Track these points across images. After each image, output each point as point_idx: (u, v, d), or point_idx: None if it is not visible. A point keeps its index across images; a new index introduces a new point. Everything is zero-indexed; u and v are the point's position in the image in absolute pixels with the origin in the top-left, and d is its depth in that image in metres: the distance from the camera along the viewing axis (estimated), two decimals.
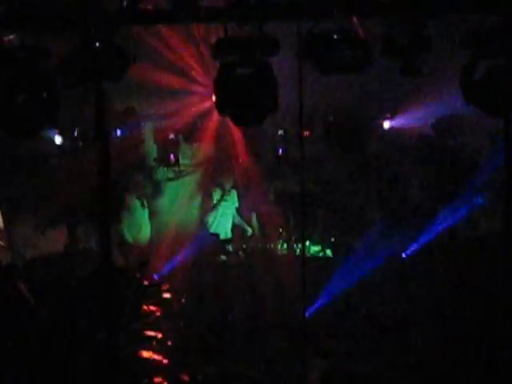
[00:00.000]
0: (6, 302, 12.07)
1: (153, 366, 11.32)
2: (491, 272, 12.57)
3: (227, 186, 16.35)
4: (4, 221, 14.81)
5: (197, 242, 16.04)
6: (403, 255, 14.99)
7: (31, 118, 8.99)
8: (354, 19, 8.53)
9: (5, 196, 14.74)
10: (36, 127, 9.12)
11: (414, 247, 15.06)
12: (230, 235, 16.44)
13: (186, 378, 11.02)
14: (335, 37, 8.55)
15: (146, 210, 15.96)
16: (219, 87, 8.36)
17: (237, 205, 16.45)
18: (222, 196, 16.32)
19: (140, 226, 15.76)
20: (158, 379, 10.96)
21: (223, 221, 16.43)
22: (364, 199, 16.20)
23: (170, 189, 16.63)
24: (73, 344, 10.70)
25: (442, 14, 8.59)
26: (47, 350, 10.76)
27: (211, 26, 9.30)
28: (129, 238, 15.59)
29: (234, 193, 16.48)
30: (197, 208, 16.47)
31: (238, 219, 16.45)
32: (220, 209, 16.37)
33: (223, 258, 15.74)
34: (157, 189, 16.51)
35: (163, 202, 16.35)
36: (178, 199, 16.48)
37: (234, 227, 16.39)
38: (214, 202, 16.34)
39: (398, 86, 14.29)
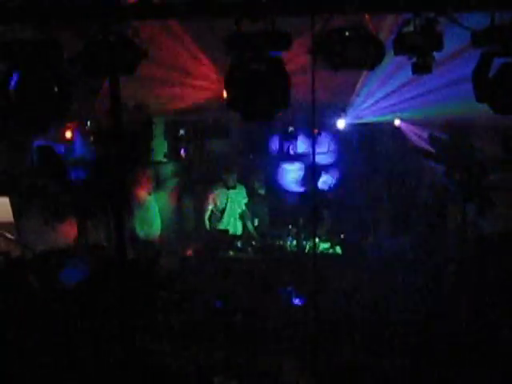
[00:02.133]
0: (16, 293, 12.15)
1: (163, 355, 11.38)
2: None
3: (231, 183, 16.39)
4: (14, 214, 14.87)
5: (205, 238, 16.13)
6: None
7: (43, 112, 9.01)
8: (366, 16, 8.56)
9: (14, 189, 14.80)
10: (47, 121, 9.17)
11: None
12: (239, 231, 16.48)
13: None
14: (347, 34, 8.58)
15: (156, 206, 16.03)
16: (230, 83, 8.38)
17: (246, 200, 16.47)
18: (227, 198, 16.39)
19: (151, 221, 15.82)
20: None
21: (232, 218, 16.48)
22: (373, 198, 16.24)
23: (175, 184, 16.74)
24: (82, 335, 10.74)
25: (454, 11, 8.58)
26: (56, 341, 10.80)
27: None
28: (140, 233, 15.65)
29: (241, 188, 16.50)
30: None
31: (246, 215, 16.50)
32: (228, 208, 16.43)
33: (231, 253, 15.79)
34: (162, 184, 16.58)
35: (169, 197, 16.41)
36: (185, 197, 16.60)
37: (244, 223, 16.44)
38: (219, 204, 16.40)
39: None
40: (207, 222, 16.36)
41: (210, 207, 16.30)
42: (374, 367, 11.20)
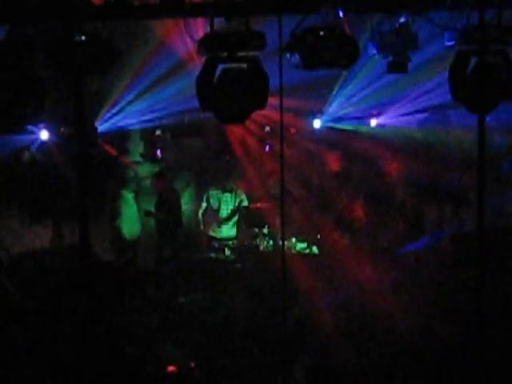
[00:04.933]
0: None
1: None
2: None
3: (228, 186, 16.36)
4: None
5: (186, 239, 16.09)
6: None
7: (16, 113, 8.92)
8: (341, 15, 8.50)
9: None
10: (21, 123, 9.06)
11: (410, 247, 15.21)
12: (233, 232, 16.44)
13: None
14: (322, 33, 8.51)
15: (135, 205, 16.00)
16: (202, 83, 8.28)
17: (246, 203, 16.43)
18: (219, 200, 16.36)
19: (135, 218, 15.79)
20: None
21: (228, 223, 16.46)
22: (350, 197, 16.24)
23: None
24: (57, 337, 10.67)
25: (429, 11, 8.56)
26: (32, 343, 10.74)
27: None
28: (126, 233, 15.61)
29: (240, 193, 16.44)
30: (185, 204, 16.47)
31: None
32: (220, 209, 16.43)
33: (213, 254, 15.78)
34: (141, 185, 16.54)
35: (148, 198, 16.33)
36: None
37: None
38: (211, 203, 16.37)
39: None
40: (200, 217, 16.26)
41: (204, 205, 16.22)
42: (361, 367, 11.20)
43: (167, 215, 15.68)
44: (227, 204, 16.19)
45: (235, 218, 16.26)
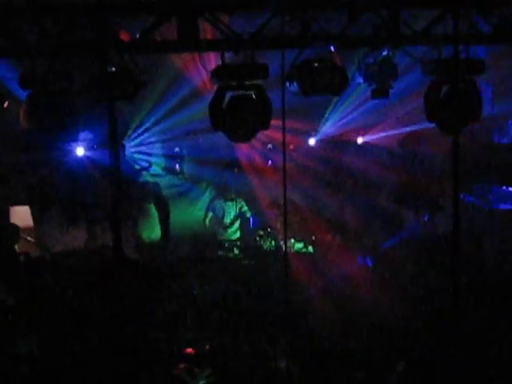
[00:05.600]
0: (34, 288, 12.08)
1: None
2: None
3: (228, 197, 16.35)
4: (34, 220, 14.79)
5: (199, 239, 16.06)
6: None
7: (56, 132, 8.96)
8: (333, 50, 8.51)
9: (34, 198, 14.75)
10: (60, 141, 9.04)
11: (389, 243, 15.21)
12: (237, 234, 16.40)
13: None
14: (316, 64, 8.53)
15: (156, 213, 15.94)
16: (214, 107, 8.29)
17: (245, 209, 16.39)
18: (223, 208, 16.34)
19: (153, 227, 15.73)
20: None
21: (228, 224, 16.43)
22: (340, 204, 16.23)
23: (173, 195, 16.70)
24: (89, 326, 10.64)
25: (407, 46, 8.57)
26: (68, 332, 10.73)
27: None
28: (145, 238, 15.55)
29: (239, 201, 16.39)
30: (199, 210, 16.44)
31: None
32: (224, 216, 16.39)
33: (221, 252, 15.76)
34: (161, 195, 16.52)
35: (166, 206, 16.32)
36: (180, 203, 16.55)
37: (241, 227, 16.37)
38: (217, 212, 16.35)
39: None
40: (207, 224, 16.24)
41: (210, 214, 16.19)
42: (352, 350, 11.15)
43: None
44: (230, 211, 16.19)
45: (238, 223, 16.24)
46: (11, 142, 14.09)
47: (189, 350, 10.68)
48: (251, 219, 15.47)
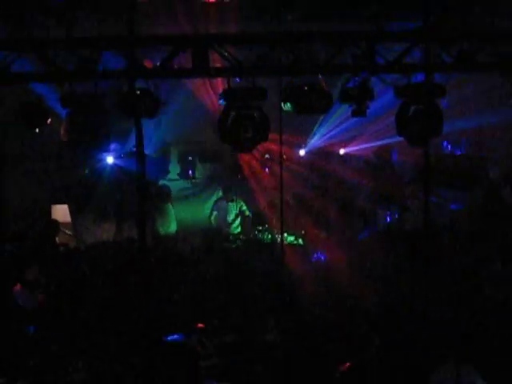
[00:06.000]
0: (71, 274, 12.10)
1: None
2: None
3: (230, 197, 16.29)
4: (71, 216, 14.80)
5: (207, 233, 16.02)
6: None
7: (90, 144, 8.98)
8: (319, 76, 8.53)
9: (71, 198, 14.77)
10: (93, 151, 9.03)
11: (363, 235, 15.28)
12: (238, 229, 16.34)
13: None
14: (306, 88, 8.55)
15: (173, 211, 15.90)
16: (221, 122, 8.30)
17: (244, 208, 16.33)
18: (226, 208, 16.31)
19: (169, 222, 15.67)
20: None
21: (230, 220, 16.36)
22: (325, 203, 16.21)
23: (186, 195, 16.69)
24: (120, 302, 10.64)
25: (382, 73, 8.59)
26: (102, 309, 10.73)
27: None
28: (161, 231, 15.50)
29: (239, 201, 16.33)
30: (208, 209, 16.40)
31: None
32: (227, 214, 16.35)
33: (226, 244, 15.73)
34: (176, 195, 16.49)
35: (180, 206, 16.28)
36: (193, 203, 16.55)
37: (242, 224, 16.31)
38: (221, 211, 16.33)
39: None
40: (213, 221, 16.16)
41: (215, 213, 16.13)
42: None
43: None
44: (232, 210, 16.14)
45: (238, 220, 16.19)
46: (52, 153, 14.16)
47: (200, 324, 10.68)
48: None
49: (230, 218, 16.13)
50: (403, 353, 9.78)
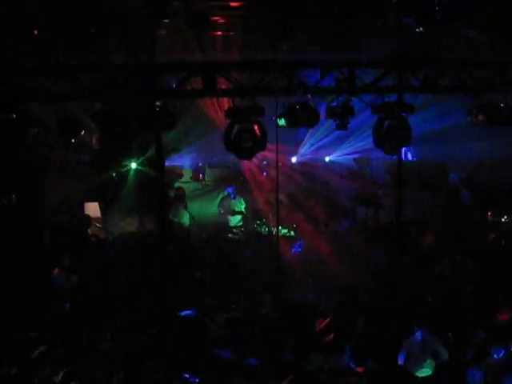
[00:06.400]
0: (101, 260, 12.10)
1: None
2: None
3: (233, 195, 16.25)
4: (101, 212, 14.79)
5: (215, 226, 15.98)
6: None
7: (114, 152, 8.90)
8: (309, 96, 8.52)
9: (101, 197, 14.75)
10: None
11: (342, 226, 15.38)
12: (240, 223, 16.28)
13: None
14: (297, 107, 8.53)
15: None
16: (227, 135, 8.28)
17: (244, 205, 16.27)
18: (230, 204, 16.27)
19: (182, 217, 15.63)
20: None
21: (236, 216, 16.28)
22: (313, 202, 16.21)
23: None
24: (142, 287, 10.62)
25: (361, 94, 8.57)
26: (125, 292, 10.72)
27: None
28: (177, 223, 15.47)
29: (240, 199, 16.28)
30: (215, 206, 16.36)
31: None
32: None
33: (230, 235, 15.72)
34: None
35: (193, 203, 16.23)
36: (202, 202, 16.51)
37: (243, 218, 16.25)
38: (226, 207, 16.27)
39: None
40: (219, 217, 16.09)
41: (220, 209, 16.06)
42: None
43: None
44: (234, 206, 16.09)
45: (240, 215, 16.16)
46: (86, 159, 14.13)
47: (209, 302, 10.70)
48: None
49: (232, 212, 16.12)
50: (381, 322, 9.85)
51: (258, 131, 8.15)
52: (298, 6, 8.23)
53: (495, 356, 8.57)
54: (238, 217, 15.97)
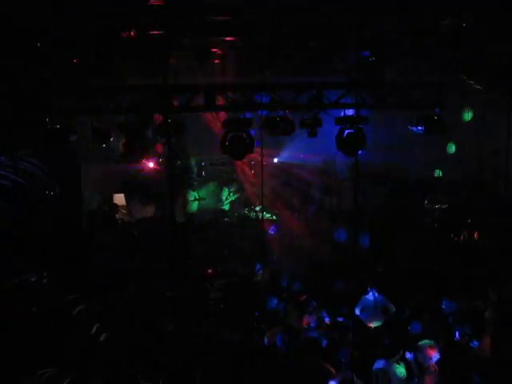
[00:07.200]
0: (124, 239, 12.03)
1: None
2: None
3: (232, 188, 16.24)
4: (126, 201, 14.75)
5: (214, 212, 15.96)
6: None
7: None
8: (287, 111, 8.49)
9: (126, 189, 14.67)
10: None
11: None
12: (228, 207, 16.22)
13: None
14: (278, 119, 8.50)
15: (194, 195, 15.88)
16: (222, 141, 8.20)
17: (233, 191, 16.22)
18: (229, 193, 16.22)
19: (191, 204, 15.57)
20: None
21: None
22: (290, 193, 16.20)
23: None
24: (158, 258, 10.47)
25: (327, 109, 8.54)
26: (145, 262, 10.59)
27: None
28: (188, 210, 15.42)
29: (229, 188, 16.21)
30: (215, 196, 16.33)
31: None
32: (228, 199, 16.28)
33: (226, 219, 15.71)
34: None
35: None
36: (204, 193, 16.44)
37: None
38: (224, 198, 16.22)
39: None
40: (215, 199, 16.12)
41: (215, 198, 16.07)
42: None
43: None
44: (224, 194, 16.09)
45: (228, 201, 16.12)
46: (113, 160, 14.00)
47: (210, 270, 10.63)
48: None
49: (223, 199, 16.13)
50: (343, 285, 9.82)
51: (247, 138, 8.10)
52: (280, 42, 8.19)
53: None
54: (227, 202, 15.92)
